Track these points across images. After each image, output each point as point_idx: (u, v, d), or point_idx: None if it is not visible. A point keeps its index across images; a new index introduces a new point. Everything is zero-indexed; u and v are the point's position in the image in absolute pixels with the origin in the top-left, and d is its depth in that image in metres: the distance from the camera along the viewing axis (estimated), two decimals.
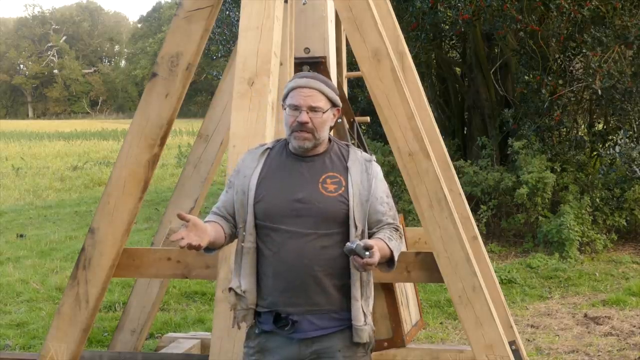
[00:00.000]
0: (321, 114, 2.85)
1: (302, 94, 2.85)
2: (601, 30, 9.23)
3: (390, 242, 2.82)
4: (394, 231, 2.88)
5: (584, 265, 8.81)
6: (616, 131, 10.57)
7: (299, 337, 2.84)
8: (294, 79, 2.95)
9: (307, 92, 2.85)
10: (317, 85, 2.87)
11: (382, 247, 2.76)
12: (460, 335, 6.22)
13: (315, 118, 2.83)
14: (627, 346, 5.92)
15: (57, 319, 4.19)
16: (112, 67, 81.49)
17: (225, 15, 12.76)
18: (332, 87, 2.93)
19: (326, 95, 2.88)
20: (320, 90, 2.87)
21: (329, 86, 2.91)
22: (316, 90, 2.86)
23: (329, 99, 2.89)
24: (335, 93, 2.92)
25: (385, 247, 2.79)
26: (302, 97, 2.84)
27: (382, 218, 2.88)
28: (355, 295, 2.83)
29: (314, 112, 2.84)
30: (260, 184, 2.87)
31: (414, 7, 9.86)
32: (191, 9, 4.17)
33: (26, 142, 31.97)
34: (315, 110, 2.84)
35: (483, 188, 9.76)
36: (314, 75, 2.97)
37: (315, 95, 2.85)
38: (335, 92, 2.93)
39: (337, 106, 2.94)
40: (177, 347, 5.36)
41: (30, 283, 8.21)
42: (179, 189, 5.17)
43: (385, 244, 2.80)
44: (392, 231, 2.88)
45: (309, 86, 2.86)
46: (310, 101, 2.84)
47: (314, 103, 2.84)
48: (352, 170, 2.87)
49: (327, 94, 2.88)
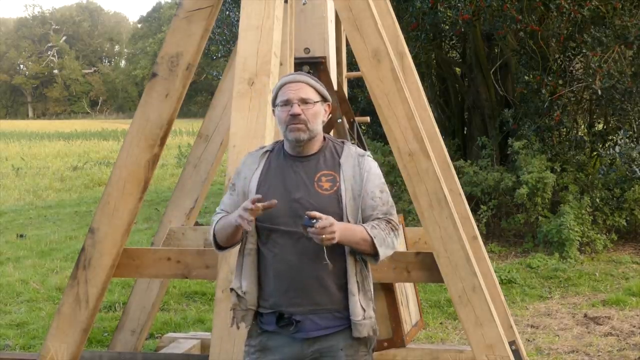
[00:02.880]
0: (312, 105, 2.89)
1: (291, 89, 2.89)
2: (601, 30, 9.23)
3: (372, 230, 2.81)
4: (382, 222, 2.87)
5: (584, 265, 8.80)
6: (616, 131, 10.57)
7: (301, 336, 2.85)
8: (280, 80, 3.00)
9: (295, 86, 2.90)
10: (304, 79, 2.93)
11: (349, 228, 2.77)
12: (460, 335, 6.22)
13: (307, 109, 2.87)
14: (627, 346, 5.92)
15: (57, 319, 4.19)
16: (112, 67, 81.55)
17: (225, 15, 12.76)
18: (319, 82, 2.98)
19: (314, 88, 2.93)
20: (308, 83, 2.92)
21: (316, 81, 2.97)
22: (304, 83, 2.91)
23: (317, 91, 2.93)
24: (323, 87, 2.97)
25: (359, 230, 2.79)
26: (291, 91, 2.88)
27: (373, 213, 2.88)
28: (352, 290, 2.84)
29: (305, 104, 2.87)
30: (260, 186, 2.89)
31: (414, 7, 9.86)
32: (191, 9, 4.17)
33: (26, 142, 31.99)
34: (306, 102, 2.88)
35: (483, 188, 9.76)
36: (299, 72, 3.04)
37: (304, 88, 2.90)
38: (323, 87, 2.98)
39: (327, 100, 2.97)
40: (177, 347, 5.36)
41: (30, 283, 8.21)
42: (179, 189, 5.17)
43: (365, 229, 2.80)
44: (380, 222, 2.86)
45: (297, 80, 2.92)
46: (300, 94, 2.88)
47: (304, 95, 2.88)
48: (344, 166, 2.89)
49: (314, 86, 2.93)
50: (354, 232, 2.79)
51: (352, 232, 2.78)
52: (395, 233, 2.90)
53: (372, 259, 2.87)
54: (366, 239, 2.80)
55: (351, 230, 2.78)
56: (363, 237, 2.80)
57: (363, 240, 2.80)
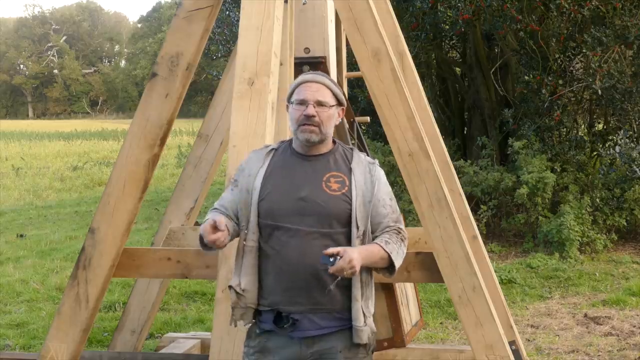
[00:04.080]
0: (327, 108, 2.88)
1: (309, 89, 2.88)
2: (601, 30, 9.22)
3: (388, 246, 2.84)
4: (394, 234, 2.89)
5: (584, 265, 8.80)
6: (616, 131, 10.57)
7: (299, 336, 2.84)
8: (299, 77, 2.98)
9: (314, 86, 2.88)
10: (324, 81, 2.91)
11: (368, 253, 2.78)
12: (460, 335, 6.22)
13: (322, 112, 2.86)
14: (627, 346, 5.92)
15: (57, 319, 4.19)
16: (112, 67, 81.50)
17: (225, 15, 12.76)
18: (338, 86, 2.97)
19: (332, 92, 2.91)
20: (327, 85, 2.91)
21: (335, 84, 2.95)
22: (323, 85, 2.90)
23: (334, 95, 2.92)
24: (340, 91, 2.96)
25: (376, 251, 2.81)
26: (309, 91, 2.87)
27: (384, 220, 2.89)
28: (355, 295, 2.83)
29: (321, 107, 2.86)
30: (265, 183, 2.88)
31: (414, 7, 9.86)
32: (191, 9, 4.17)
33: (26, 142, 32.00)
34: (322, 105, 2.86)
35: (483, 188, 9.76)
36: (319, 73, 3.01)
37: (322, 90, 2.89)
38: (341, 91, 2.97)
39: (342, 105, 2.97)
40: (177, 347, 5.36)
41: (30, 283, 8.21)
42: (179, 189, 5.17)
43: (382, 247, 2.82)
44: (392, 234, 2.89)
45: (316, 81, 2.90)
46: (317, 95, 2.87)
47: (321, 97, 2.87)
48: (355, 171, 2.88)
49: (333, 90, 2.92)
50: (372, 254, 2.81)
51: (370, 254, 2.80)
52: (405, 243, 2.94)
53: (387, 273, 2.90)
54: (384, 257, 2.84)
55: (369, 253, 2.80)
56: (381, 256, 2.83)
57: (381, 259, 2.84)
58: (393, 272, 2.88)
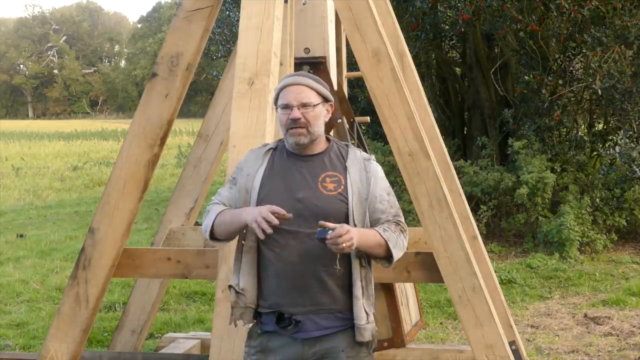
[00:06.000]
0: (312, 108, 2.87)
1: (291, 92, 2.88)
2: (601, 30, 9.23)
3: (385, 233, 2.82)
4: (392, 224, 2.88)
5: (584, 265, 8.80)
6: (616, 131, 10.57)
7: (302, 337, 2.84)
8: (281, 80, 2.98)
9: (296, 89, 2.88)
10: (305, 82, 2.90)
11: (364, 233, 2.77)
12: (460, 335, 6.22)
13: (307, 113, 2.86)
14: (627, 346, 5.92)
15: (57, 319, 4.19)
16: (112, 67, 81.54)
17: (225, 15, 12.75)
18: (321, 82, 2.96)
19: (315, 90, 2.90)
20: (309, 85, 2.90)
21: (318, 82, 2.94)
22: (304, 86, 2.89)
23: (318, 93, 2.91)
24: (324, 88, 2.94)
25: (372, 234, 2.80)
26: (292, 95, 2.87)
27: (382, 216, 2.89)
28: (356, 294, 2.83)
29: (305, 108, 2.86)
30: (264, 183, 2.88)
31: (414, 7, 9.86)
32: (191, 9, 4.17)
33: (26, 142, 31.99)
34: (306, 106, 2.86)
35: (483, 188, 9.76)
36: (301, 73, 3.01)
37: (305, 91, 2.88)
38: (325, 87, 2.95)
39: (329, 101, 2.96)
40: (177, 347, 5.36)
41: (30, 283, 8.21)
42: (179, 189, 5.17)
43: (378, 233, 2.81)
44: (391, 224, 2.88)
45: (297, 83, 2.89)
46: (300, 97, 2.86)
47: (305, 99, 2.87)
48: (351, 169, 2.88)
49: (315, 88, 2.91)
50: (369, 236, 2.79)
51: (367, 236, 2.78)
52: (405, 235, 2.92)
53: (386, 262, 2.88)
54: (380, 243, 2.81)
55: (366, 235, 2.78)
56: (377, 241, 2.81)
57: (378, 244, 2.81)
58: (391, 262, 2.87)
